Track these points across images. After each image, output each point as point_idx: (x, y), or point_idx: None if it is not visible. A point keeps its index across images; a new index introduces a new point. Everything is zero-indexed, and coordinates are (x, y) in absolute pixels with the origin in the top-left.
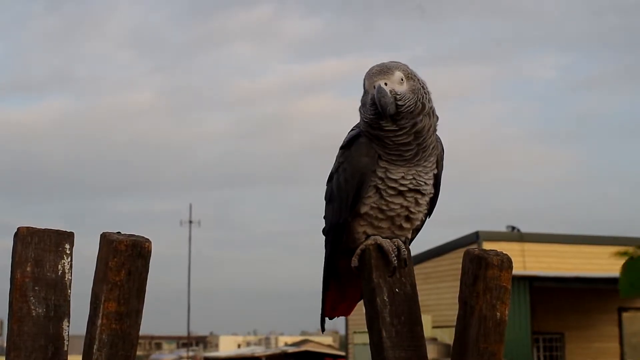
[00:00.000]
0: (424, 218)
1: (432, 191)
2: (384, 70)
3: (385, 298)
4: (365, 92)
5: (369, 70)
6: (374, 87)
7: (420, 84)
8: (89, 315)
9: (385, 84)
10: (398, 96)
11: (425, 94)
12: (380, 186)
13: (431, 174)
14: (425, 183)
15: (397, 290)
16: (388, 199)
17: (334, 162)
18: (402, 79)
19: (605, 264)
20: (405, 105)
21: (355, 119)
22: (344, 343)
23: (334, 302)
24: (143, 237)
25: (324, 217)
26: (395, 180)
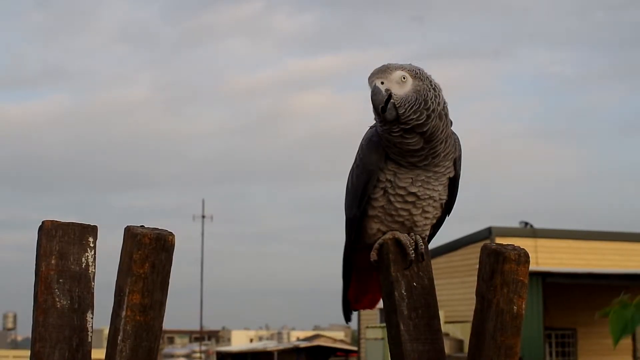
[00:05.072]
0: (436, 220)
1: (444, 197)
2: (382, 69)
3: (403, 292)
4: None
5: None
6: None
7: (430, 84)
8: (113, 308)
9: (382, 82)
10: (396, 97)
11: (437, 96)
12: (389, 190)
13: (444, 179)
14: (434, 189)
15: (414, 284)
16: (396, 204)
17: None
18: (403, 78)
19: (618, 260)
20: (406, 107)
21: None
22: (356, 338)
23: (356, 294)
24: (166, 230)
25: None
26: (404, 188)
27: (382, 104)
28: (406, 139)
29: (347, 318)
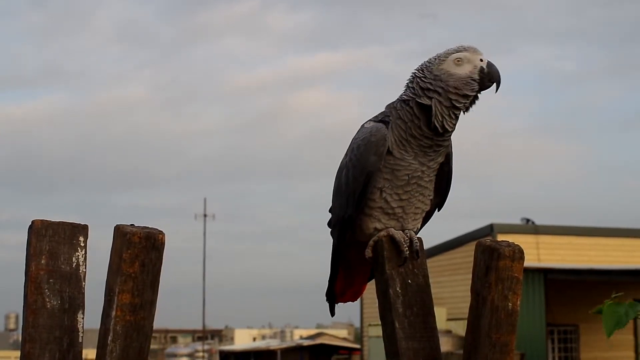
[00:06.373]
0: (424, 214)
1: (431, 193)
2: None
3: (398, 289)
4: (456, 64)
5: (464, 46)
6: (481, 60)
7: None
8: (103, 307)
9: None
10: None
11: None
12: (386, 190)
13: (433, 175)
14: (425, 186)
15: (409, 281)
16: (393, 204)
17: (340, 154)
18: None
19: (620, 256)
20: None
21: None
22: (359, 336)
23: (342, 288)
24: (156, 229)
25: (330, 210)
26: (401, 187)
27: None
28: (451, 117)
29: (333, 312)
